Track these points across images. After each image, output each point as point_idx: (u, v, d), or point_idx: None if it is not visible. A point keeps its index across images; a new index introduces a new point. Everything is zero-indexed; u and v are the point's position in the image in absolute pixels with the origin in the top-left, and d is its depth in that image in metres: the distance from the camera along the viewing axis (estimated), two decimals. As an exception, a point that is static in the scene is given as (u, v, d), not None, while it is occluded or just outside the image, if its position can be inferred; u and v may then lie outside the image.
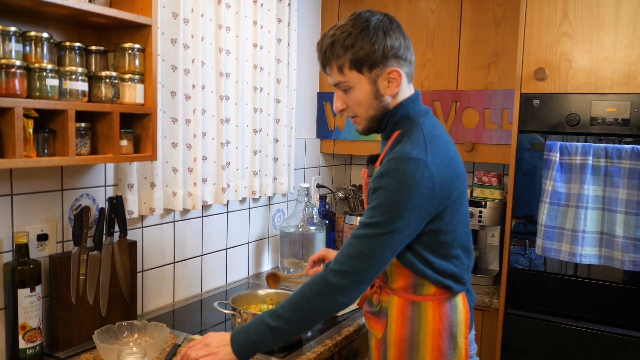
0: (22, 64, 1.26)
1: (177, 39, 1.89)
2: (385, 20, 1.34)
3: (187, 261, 2.13)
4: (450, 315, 1.39)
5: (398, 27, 1.37)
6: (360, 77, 1.35)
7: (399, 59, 1.35)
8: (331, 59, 1.35)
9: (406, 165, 1.26)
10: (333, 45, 1.34)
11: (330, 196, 2.96)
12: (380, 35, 1.32)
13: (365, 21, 1.33)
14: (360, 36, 1.31)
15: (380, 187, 1.29)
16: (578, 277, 2.02)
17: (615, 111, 1.91)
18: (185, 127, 1.98)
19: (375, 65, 1.33)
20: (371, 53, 1.32)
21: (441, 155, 1.33)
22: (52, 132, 1.38)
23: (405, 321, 1.41)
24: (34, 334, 1.47)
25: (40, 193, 1.58)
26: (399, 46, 1.34)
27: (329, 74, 1.40)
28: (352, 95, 1.39)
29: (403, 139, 1.35)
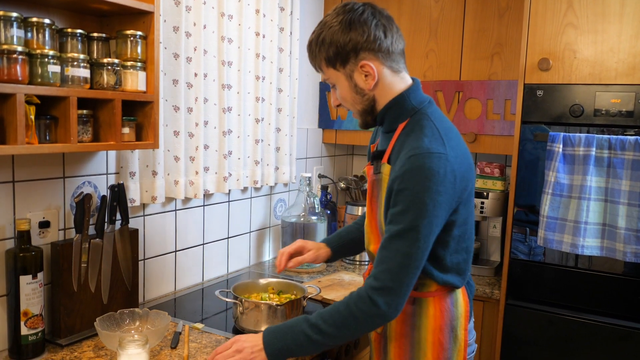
0: (24, 49, 1.25)
1: (180, 26, 1.88)
2: (363, 12, 1.31)
3: (189, 250, 2.13)
4: (451, 310, 1.39)
5: (378, 17, 1.32)
6: (337, 74, 1.36)
7: (372, 51, 1.32)
8: (311, 57, 1.39)
9: (429, 161, 1.22)
10: (312, 44, 1.37)
11: (332, 186, 2.96)
12: (353, 28, 1.30)
13: (342, 14, 1.31)
14: (331, 32, 1.31)
15: (404, 189, 1.24)
16: (579, 268, 2.02)
17: (620, 102, 1.90)
18: (187, 115, 1.97)
19: (347, 60, 1.33)
20: (340, 48, 1.31)
21: (457, 148, 1.31)
22: (53, 118, 1.37)
23: (406, 318, 1.41)
24: (36, 320, 1.47)
25: (42, 180, 1.58)
26: (373, 38, 1.30)
27: (317, 71, 1.43)
28: (338, 92, 1.40)
29: (414, 132, 1.31)
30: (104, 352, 1.53)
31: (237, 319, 1.74)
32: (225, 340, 1.65)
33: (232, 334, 1.70)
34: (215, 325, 1.77)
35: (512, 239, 2.12)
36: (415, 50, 2.59)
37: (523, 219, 2.10)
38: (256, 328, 1.69)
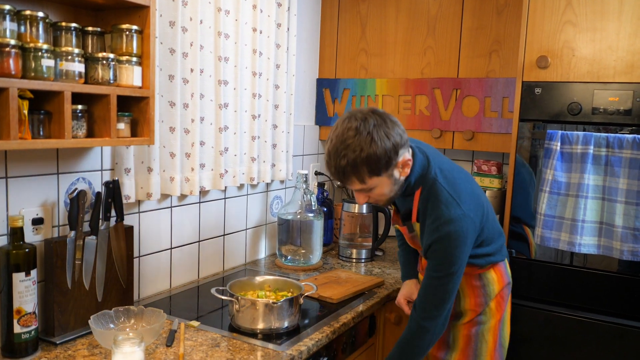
0: (17, 43, 1.23)
1: (176, 21, 1.86)
2: (377, 120, 1.47)
3: (184, 247, 2.11)
4: (486, 285, 1.74)
5: (387, 117, 1.50)
6: (380, 179, 1.51)
7: (404, 146, 1.51)
8: (350, 176, 1.49)
9: (452, 227, 1.51)
10: (350, 166, 1.46)
11: (329, 183, 2.95)
12: (384, 138, 1.45)
13: (367, 131, 1.44)
14: (371, 149, 1.44)
15: (438, 250, 1.54)
16: (576, 266, 2.01)
17: (618, 100, 1.89)
18: (183, 111, 1.96)
19: (390, 164, 1.49)
20: (385, 158, 1.46)
21: (470, 199, 1.57)
22: (47, 113, 1.36)
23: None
24: (29, 318, 1.45)
25: (35, 176, 1.56)
26: (399, 136, 1.49)
27: (348, 186, 1.55)
28: (375, 192, 1.55)
29: (431, 201, 1.56)
30: (99, 350, 1.52)
31: (233, 317, 1.72)
32: (221, 338, 1.64)
33: (228, 332, 1.69)
34: (211, 323, 1.75)
35: (511, 240, 2.11)
36: (413, 47, 2.58)
37: (521, 219, 2.09)
38: (252, 326, 1.68)
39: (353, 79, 2.73)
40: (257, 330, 1.68)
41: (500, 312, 1.75)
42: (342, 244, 2.62)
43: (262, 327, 1.68)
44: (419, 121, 2.58)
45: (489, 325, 1.73)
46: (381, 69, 2.68)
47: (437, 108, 2.53)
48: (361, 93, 2.71)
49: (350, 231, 2.63)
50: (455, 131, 2.51)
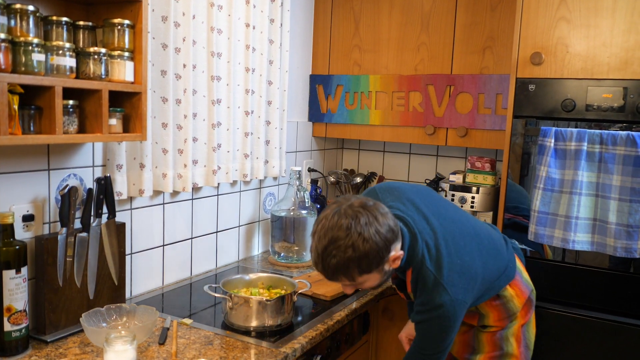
0: (7, 37, 1.21)
1: (168, 16, 1.84)
2: (369, 217, 1.37)
3: (177, 244, 2.10)
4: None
5: (378, 211, 1.40)
6: (370, 275, 1.43)
7: (395, 240, 1.42)
8: (340, 276, 1.41)
9: (441, 312, 1.46)
10: (340, 266, 1.38)
11: (322, 180, 2.94)
12: (376, 237, 1.36)
13: (358, 231, 1.35)
14: (363, 249, 1.35)
15: (425, 331, 1.52)
16: (569, 263, 2.02)
17: (611, 97, 1.89)
18: (176, 107, 1.94)
19: (382, 262, 1.41)
20: (377, 258, 1.38)
21: (460, 276, 1.49)
22: (38, 109, 1.33)
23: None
24: (20, 316, 1.43)
25: (26, 172, 1.54)
26: (391, 232, 1.40)
27: (336, 282, 1.46)
28: (365, 285, 1.48)
29: (419, 283, 1.50)
30: (90, 348, 1.50)
31: (226, 315, 1.71)
32: (214, 336, 1.63)
33: (221, 330, 1.68)
34: (204, 321, 1.74)
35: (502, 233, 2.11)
36: (407, 44, 2.57)
37: (514, 213, 2.09)
38: (246, 324, 1.67)
39: (346, 75, 2.72)
40: (250, 328, 1.67)
41: (526, 318, 1.72)
42: (335, 241, 2.61)
43: (255, 324, 1.67)
44: (413, 118, 2.57)
45: (514, 329, 1.70)
46: (375, 65, 2.67)
47: (431, 104, 2.52)
48: (354, 89, 2.70)
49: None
50: (449, 128, 2.50)
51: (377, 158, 3.05)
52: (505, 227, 2.11)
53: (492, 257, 1.63)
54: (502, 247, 1.72)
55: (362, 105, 2.70)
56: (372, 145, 3.07)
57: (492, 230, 1.77)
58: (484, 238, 1.65)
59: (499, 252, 1.68)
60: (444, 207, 1.64)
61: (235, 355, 1.51)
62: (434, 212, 1.58)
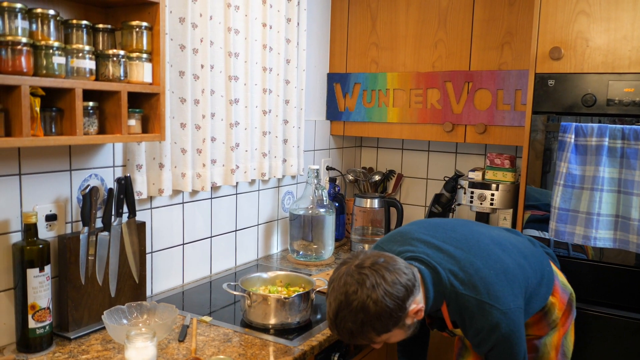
0: (29, 41, 1.24)
1: (186, 17, 1.86)
2: (378, 281, 1.31)
3: (196, 243, 2.12)
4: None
5: (386, 269, 1.33)
6: (390, 334, 1.37)
7: (411, 295, 1.35)
8: (358, 338, 1.36)
9: (501, 330, 1.37)
10: (354, 331, 1.33)
11: (340, 178, 2.94)
12: (387, 300, 1.30)
13: (366, 295, 1.29)
14: (375, 313, 1.30)
15: (497, 355, 1.42)
16: (591, 260, 1.99)
17: (633, 91, 1.86)
18: (194, 107, 1.96)
19: (398, 320, 1.34)
20: (392, 318, 1.32)
21: (503, 285, 1.41)
22: (59, 111, 1.36)
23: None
24: (44, 313, 1.47)
25: (48, 173, 1.57)
26: (404, 289, 1.33)
27: (358, 343, 1.41)
28: (389, 341, 1.42)
29: (463, 314, 1.41)
30: (112, 345, 1.53)
31: (245, 312, 1.73)
32: (233, 333, 1.65)
33: (240, 327, 1.69)
34: (223, 319, 1.76)
35: (523, 230, 2.09)
36: (424, 40, 2.56)
37: (534, 210, 2.07)
38: (264, 321, 1.68)
39: (364, 73, 2.72)
40: (269, 326, 1.68)
41: (566, 326, 1.67)
42: (354, 239, 2.61)
43: (274, 322, 1.68)
44: (431, 115, 2.56)
45: (554, 340, 1.65)
46: (392, 62, 2.66)
47: (449, 101, 2.51)
48: (372, 87, 2.70)
49: (363, 226, 2.62)
50: (468, 125, 2.48)
51: (396, 156, 3.05)
52: (528, 223, 2.08)
53: (524, 257, 1.56)
54: (529, 247, 1.65)
55: (379, 103, 2.69)
56: (390, 143, 3.06)
57: (511, 234, 1.70)
58: (504, 241, 1.58)
59: (528, 252, 1.61)
60: (452, 229, 1.58)
61: (254, 353, 1.52)
62: (445, 239, 1.52)
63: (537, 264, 1.59)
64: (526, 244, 1.66)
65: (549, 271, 1.61)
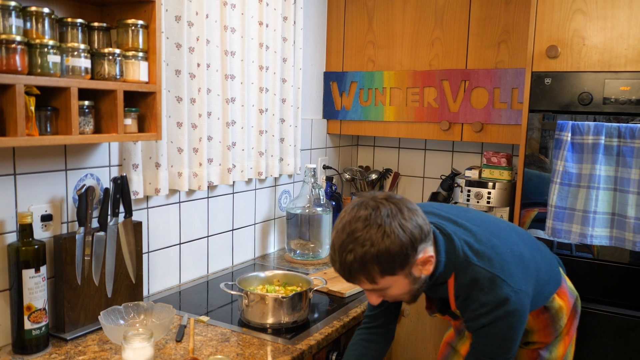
0: (23, 39, 1.23)
1: (182, 15, 1.85)
2: (392, 209, 1.23)
3: (193, 242, 2.11)
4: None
5: (405, 204, 1.26)
6: (395, 278, 1.26)
7: (424, 240, 1.26)
8: (359, 275, 1.25)
9: (506, 308, 1.28)
10: (357, 263, 1.22)
11: (337, 177, 2.94)
12: (400, 231, 1.21)
13: (378, 222, 1.21)
14: (382, 243, 1.20)
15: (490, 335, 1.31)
16: (587, 258, 1.99)
17: (629, 90, 1.86)
18: (190, 106, 1.95)
19: (407, 262, 1.24)
20: (400, 256, 1.22)
21: (516, 266, 1.35)
22: (54, 110, 1.35)
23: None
24: (40, 314, 1.46)
25: (43, 173, 1.56)
26: (418, 228, 1.24)
27: (356, 284, 1.31)
28: (390, 292, 1.31)
29: (471, 288, 1.32)
30: (109, 346, 1.52)
31: (242, 312, 1.72)
32: (230, 333, 1.64)
33: (237, 327, 1.69)
34: (220, 318, 1.75)
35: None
36: (421, 39, 2.55)
37: (530, 209, 2.07)
38: (262, 321, 1.68)
39: (360, 72, 2.72)
40: (266, 325, 1.68)
41: (570, 335, 1.61)
42: (351, 238, 2.60)
43: (271, 321, 1.68)
44: (428, 113, 2.56)
45: (559, 350, 1.58)
46: (389, 61, 2.66)
47: (446, 100, 2.51)
48: (369, 86, 2.69)
49: (359, 225, 2.61)
50: (464, 123, 2.48)
51: (393, 154, 3.04)
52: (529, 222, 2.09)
53: (537, 251, 1.51)
54: (541, 243, 1.61)
55: (376, 102, 2.69)
56: (387, 142, 3.05)
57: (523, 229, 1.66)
58: (520, 231, 1.56)
59: (541, 247, 1.58)
60: (467, 211, 1.54)
61: (252, 352, 1.52)
62: (461, 216, 1.46)
63: (548, 262, 1.55)
64: (538, 242, 1.61)
65: (557, 272, 1.57)
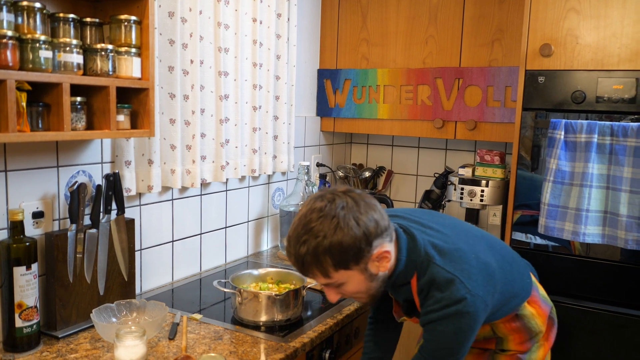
0: (14, 34, 1.22)
1: (175, 12, 1.84)
2: (348, 202, 1.23)
3: (186, 240, 2.10)
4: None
5: (363, 199, 1.26)
6: (349, 273, 1.25)
7: (380, 236, 1.25)
8: (312, 267, 1.24)
9: (458, 308, 1.25)
10: (310, 255, 1.21)
11: (330, 175, 2.93)
12: (354, 224, 1.20)
13: (332, 215, 1.20)
14: (335, 235, 1.19)
15: (437, 333, 1.28)
16: (579, 256, 2.00)
17: (622, 88, 1.87)
18: (184, 103, 1.94)
19: (361, 257, 1.23)
20: (353, 249, 1.21)
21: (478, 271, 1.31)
22: (46, 106, 1.34)
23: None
24: (31, 312, 1.44)
25: (35, 169, 1.55)
26: (374, 222, 1.24)
27: (312, 278, 1.29)
28: (347, 288, 1.30)
29: (430, 285, 1.30)
30: (101, 343, 1.51)
31: (235, 310, 1.72)
32: (223, 331, 1.63)
33: (231, 325, 1.68)
34: (213, 316, 1.75)
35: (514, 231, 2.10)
36: (415, 37, 2.55)
37: (523, 207, 2.08)
38: (255, 318, 1.67)
39: (354, 70, 2.71)
40: (259, 323, 1.67)
41: (550, 342, 1.57)
42: (344, 236, 2.60)
43: (265, 319, 1.67)
44: (421, 111, 2.56)
45: (538, 355, 1.53)
46: (382, 58, 2.65)
47: (439, 98, 2.51)
48: (362, 83, 2.69)
49: (353, 222, 2.61)
50: (458, 121, 2.49)
51: (386, 152, 3.04)
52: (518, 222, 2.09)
53: (509, 263, 1.47)
54: (514, 253, 1.57)
55: (370, 100, 2.69)
56: (380, 140, 3.05)
57: (498, 239, 1.60)
58: (492, 240, 1.51)
59: (514, 256, 1.54)
60: (441, 216, 1.52)
61: (245, 350, 1.51)
62: (432, 220, 1.44)
63: (520, 276, 1.51)
64: (512, 252, 1.58)
65: (528, 284, 1.53)
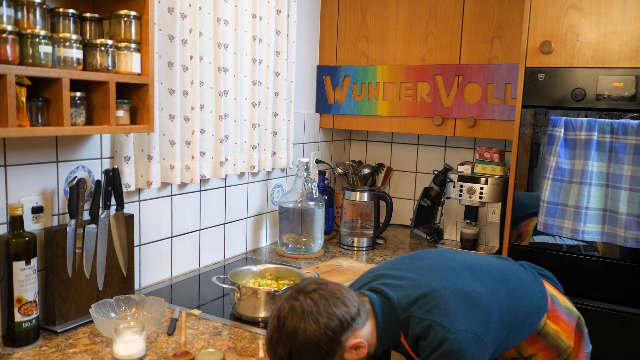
0: (14, 29, 1.21)
1: (175, 7, 1.83)
2: (314, 298, 1.23)
3: (185, 235, 2.10)
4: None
5: (332, 293, 1.25)
6: None
7: (349, 327, 1.24)
8: None
9: (445, 348, 1.23)
10: (287, 356, 1.22)
11: (330, 171, 2.93)
12: (322, 319, 1.21)
13: (299, 315, 1.21)
14: (306, 334, 1.20)
15: None
16: (578, 254, 2.00)
17: (622, 86, 1.87)
18: (183, 99, 1.94)
19: (333, 353, 1.23)
20: (324, 344, 1.21)
21: (454, 305, 1.29)
22: (46, 101, 1.34)
23: None
24: (30, 307, 1.45)
25: (34, 164, 1.55)
26: (338, 320, 1.22)
27: None
28: None
29: (418, 339, 1.28)
30: (100, 338, 1.51)
31: (234, 305, 1.72)
32: (222, 327, 1.64)
33: (229, 321, 1.69)
34: (212, 312, 1.75)
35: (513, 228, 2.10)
36: (414, 34, 2.55)
37: (522, 204, 2.08)
38: (254, 314, 1.67)
39: (354, 66, 2.71)
40: (258, 319, 1.68)
41: (580, 356, 1.50)
42: (343, 233, 2.61)
43: (263, 315, 1.67)
44: (420, 108, 2.56)
45: None
46: (382, 55, 2.65)
47: (439, 95, 2.51)
48: (362, 80, 2.69)
49: (352, 219, 2.62)
50: (457, 118, 2.49)
51: (385, 149, 3.04)
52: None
53: (502, 281, 1.42)
54: (519, 272, 1.50)
55: (369, 96, 2.68)
56: (380, 137, 3.05)
57: (499, 260, 1.57)
58: (477, 265, 1.45)
59: (517, 274, 1.49)
60: (420, 259, 1.49)
61: (244, 346, 1.52)
62: (409, 269, 1.43)
63: (526, 288, 1.46)
64: (515, 270, 1.52)
65: (541, 297, 1.48)
